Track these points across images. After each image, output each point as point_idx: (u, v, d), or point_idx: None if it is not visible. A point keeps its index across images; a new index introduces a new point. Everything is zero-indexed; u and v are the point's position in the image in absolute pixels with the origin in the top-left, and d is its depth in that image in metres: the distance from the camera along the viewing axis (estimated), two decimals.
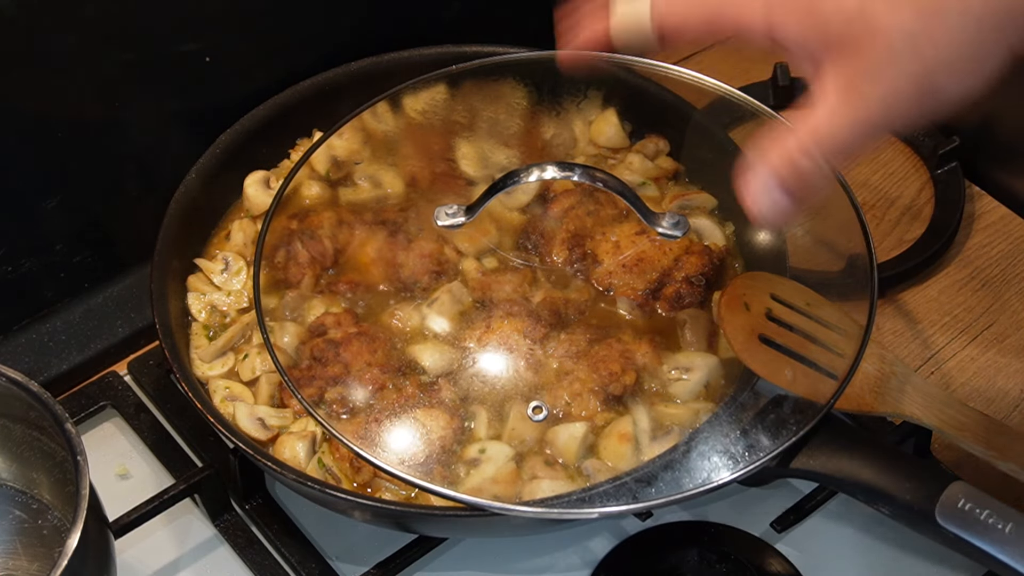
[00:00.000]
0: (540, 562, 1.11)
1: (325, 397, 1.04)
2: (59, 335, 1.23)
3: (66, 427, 0.96)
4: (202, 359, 1.13)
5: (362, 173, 1.20)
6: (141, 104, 1.20)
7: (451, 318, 1.08)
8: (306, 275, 1.13)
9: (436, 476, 0.99)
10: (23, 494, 1.08)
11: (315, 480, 1.03)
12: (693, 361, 1.06)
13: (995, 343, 1.28)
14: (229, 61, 1.23)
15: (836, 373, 1.01)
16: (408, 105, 1.21)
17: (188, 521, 1.14)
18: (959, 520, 0.92)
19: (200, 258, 1.19)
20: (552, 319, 1.07)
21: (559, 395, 1.04)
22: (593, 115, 1.23)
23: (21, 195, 1.17)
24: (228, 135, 1.22)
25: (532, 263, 1.12)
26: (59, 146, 1.16)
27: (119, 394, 1.21)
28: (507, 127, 1.19)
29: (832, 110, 0.80)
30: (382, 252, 1.13)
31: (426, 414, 1.02)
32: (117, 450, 1.19)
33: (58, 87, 1.14)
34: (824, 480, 0.99)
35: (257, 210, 1.21)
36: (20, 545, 1.06)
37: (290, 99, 1.25)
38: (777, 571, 1.09)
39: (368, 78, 1.24)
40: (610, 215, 1.14)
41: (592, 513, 0.98)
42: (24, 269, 1.19)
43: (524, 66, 1.20)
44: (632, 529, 1.12)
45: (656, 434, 1.03)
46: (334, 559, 1.10)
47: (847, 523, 1.13)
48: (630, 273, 1.10)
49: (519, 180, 1.02)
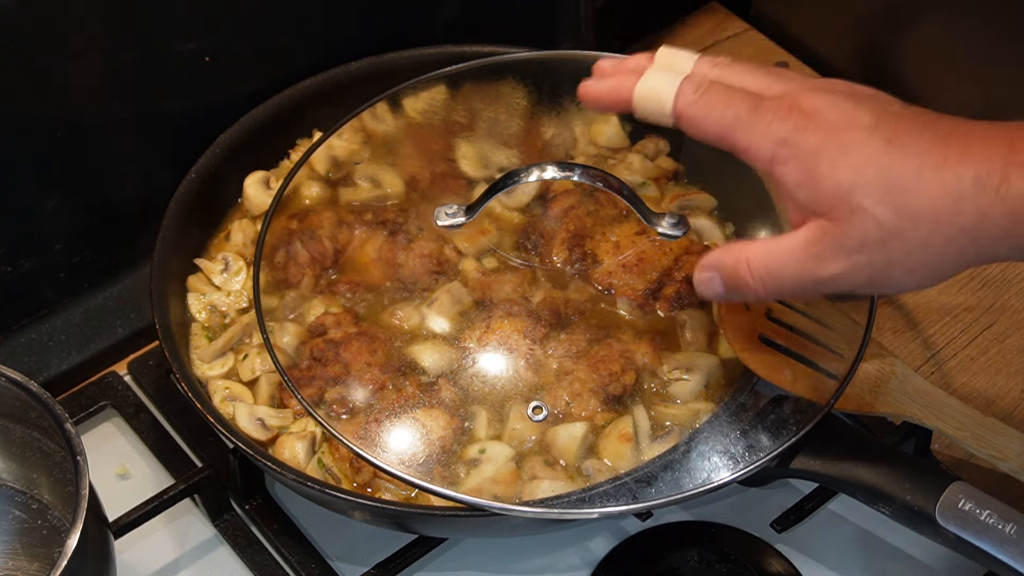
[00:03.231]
0: (540, 562, 1.11)
1: (325, 397, 1.04)
2: (59, 335, 1.23)
3: (66, 427, 0.96)
4: (202, 359, 1.13)
5: (362, 173, 1.20)
6: (141, 104, 1.20)
7: (451, 318, 1.08)
8: (306, 275, 1.13)
9: (436, 476, 0.99)
10: (23, 494, 1.08)
11: (315, 480, 1.03)
12: (693, 361, 1.06)
13: (995, 343, 1.28)
14: (229, 61, 1.23)
15: (836, 373, 1.01)
16: (408, 105, 1.21)
17: (188, 521, 1.14)
18: (959, 520, 0.92)
19: (200, 258, 1.19)
20: (552, 319, 1.07)
21: (559, 395, 1.04)
22: (593, 115, 1.23)
23: (21, 195, 1.17)
24: (228, 135, 1.22)
25: (532, 263, 1.12)
26: (59, 146, 1.16)
27: (119, 394, 1.21)
28: (507, 127, 1.19)
29: (790, 253, 0.87)
30: (382, 252, 1.13)
31: (426, 414, 1.02)
32: (117, 450, 1.19)
33: (58, 87, 1.14)
34: (824, 480, 0.99)
35: (257, 210, 1.21)
36: (20, 545, 1.06)
37: (290, 99, 1.25)
38: (777, 571, 1.09)
39: (368, 78, 1.24)
40: (610, 215, 1.14)
41: (592, 513, 0.98)
42: (24, 269, 1.19)
43: (524, 66, 1.20)
44: (632, 529, 1.12)
45: (656, 434, 1.03)
46: (334, 559, 1.10)
47: (847, 523, 1.13)
48: (630, 273, 1.10)
49: (519, 180, 1.02)
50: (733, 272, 0.90)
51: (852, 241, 0.84)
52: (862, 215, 0.83)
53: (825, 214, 0.84)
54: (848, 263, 0.85)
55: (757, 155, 0.87)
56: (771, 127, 0.86)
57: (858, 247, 0.84)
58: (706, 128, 0.89)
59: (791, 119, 0.85)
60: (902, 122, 0.84)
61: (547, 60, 1.21)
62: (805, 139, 0.85)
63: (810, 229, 0.86)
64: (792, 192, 0.86)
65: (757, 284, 0.89)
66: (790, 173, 0.85)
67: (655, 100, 0.92)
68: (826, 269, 0.85)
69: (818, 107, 0.86)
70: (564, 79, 1.21)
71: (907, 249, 0.83)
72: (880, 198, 0.82)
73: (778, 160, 0.86)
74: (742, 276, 0.89)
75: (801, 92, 0.87)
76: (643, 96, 0.92)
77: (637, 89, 0.92)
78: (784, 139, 0.85)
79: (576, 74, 1.22)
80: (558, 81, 1.20)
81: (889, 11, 1.43)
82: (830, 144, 0.84)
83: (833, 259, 0.85)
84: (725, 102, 0.88)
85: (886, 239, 0.83)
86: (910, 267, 0.84)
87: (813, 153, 0.84)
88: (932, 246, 0.83)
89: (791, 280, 0.87)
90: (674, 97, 0.90)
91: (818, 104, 0.86)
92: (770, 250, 0.88)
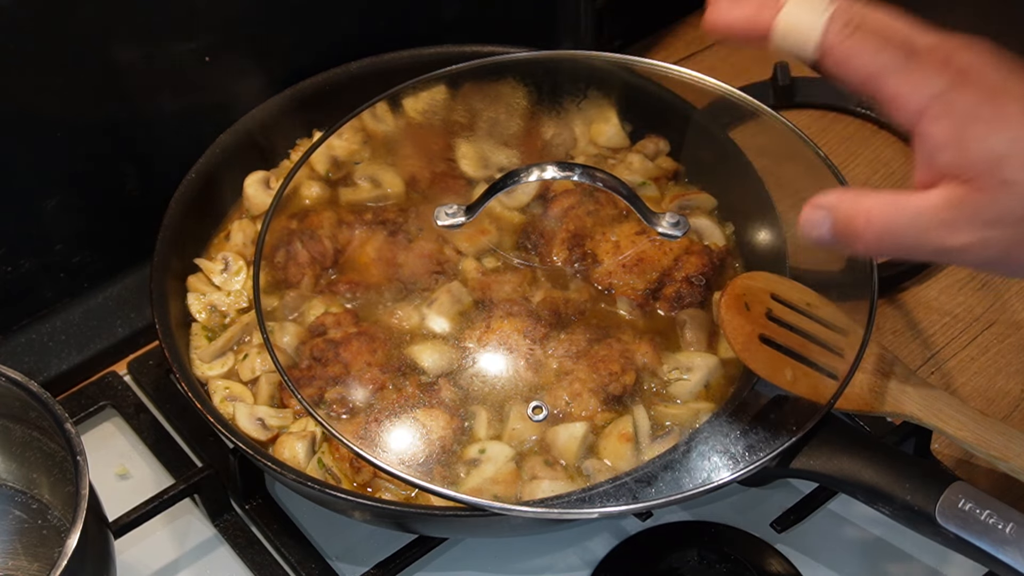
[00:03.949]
0: (540, 562, 1.11)
1: (325, 397, 1.04)
2: (59, 335, 1.23)
3: (66, 427, 0.96)
4: (202, 359, 1.13)
5: (362, 173, 1.20)
6: (141, 104, 1.20)
7: (451, 318, 1.08)
8: (306, 275, 1.13)
9: (436, 476, 0.99)
10: (23, 494, 1.08)
11: (315, 480, 1.03)
12: (693, 361, 1.06)
13: (995, 343, 1.28)
14: (229, 61, 1.23)
15: (836, 373, 1.01)
16: (408, 105, 1.21)
17: (188, 521, 1.14)
18: (959, 520, 0.92)
19: (200, 258, 1.19)
20: (552, 319, 1.07)
21: (559, 395, 1.04)
22: (593, 115, 1.23)
23: (21, 195, 1.17)
24: (228, 135, 1.22)
25: (532, 263, 1.12)
26: (59, 146, 1.16)
27: (119, 394, 1.21)
28: (507, 127, 1.19)
29: (919, 214, 0.82)
30: (382, 252, 1.13)
31: (426, 414, 1.02)
32: (117, 450, 1.19)
33: (58, 87, 1.14)
34: (824, 480, 0.99)
35: (257, 210, 1.21)
36: (20, 545, 1.06)
37: (290, 99, 1.25)
38: (777, 571, 1.09)
39: (368, 78, 1.24)
40: (610, 215, 1.14)
41: (592, 513, 0.98)
42: (24, 269, 1.19)
43: (524, 66, 1.20)
44: (632, 529, 1.12)
45: (656, 434, 1.03)
46: (334, 559, 1.10)
47: (847, 523, 1.13)
48: (630, 273, 1.10)
49: (519, 180, 1.02)
50: (849, 219, 0.84)
51: (992, 213, 0.79)
52: (1009, 189, 0.79)
53: (969, 180, 0.80)
54: (981, 235, 0.80)
55: (905, 106, 0.82)
56: (926, 79, 0.82)
57: (996, 220, 0.79)
58: (854, 69, 0.84)
59: (947, 74, 0.81)
60: None
61: (547, 60, 1.21)
62: (961, 98, 0.81)
63: (946, 193, 0.81)
64: (935, 151, 0.81)
65: (872, 238, 0.84)
66: (939, 131, 0.81)
67: (800, 32, 0.86)
68: (956, 238, 0.81)
69: (975, 66, 0.82)
70: (564, 79, 1.21)
71: None
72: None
73: (928, 115, 0.81)
74: (858, 226, 0.84)
75: (956, 47, 0.83)
76: (786, 27, 0.86)
77: (779, 19, 0.86)
78: (938, 94, 0.81)
79: (576, 74, 1.23)
80: (558, 81, 1.21)
81: None
82: (987, 108, 0.80)
83: (967, 229, 0.80)
84: (878, 44, 0.83)
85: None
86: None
87: (968, 114, 0.80)
88: None
89: (913, 242, 0.82)
90: (821, 32, 0.85)
91: (974, 63, 0.82)
92: (896, 205, 0.83)
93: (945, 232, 0.81)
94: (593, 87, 1.23)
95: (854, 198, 0.85)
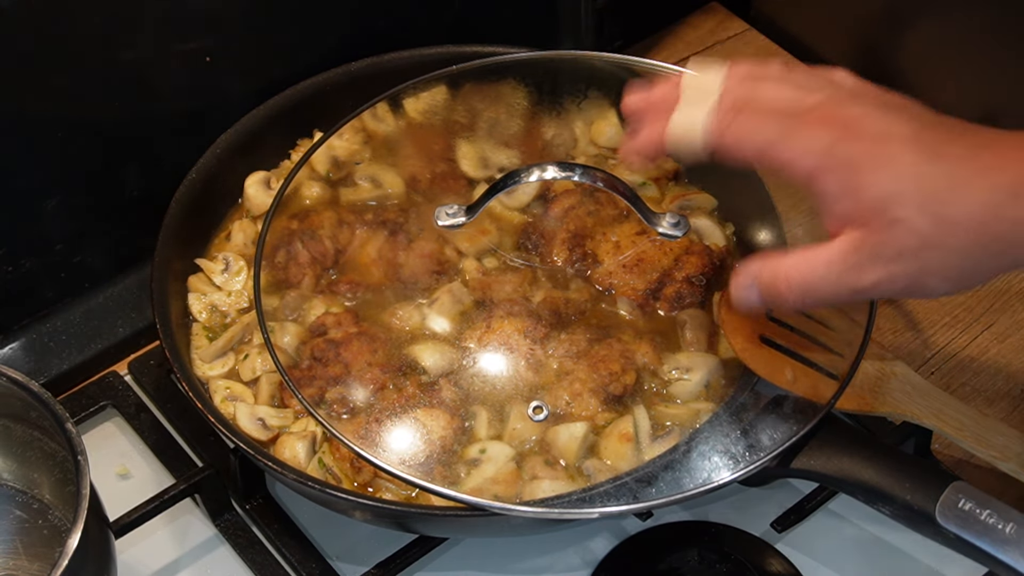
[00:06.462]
0: (540, 562, 1.11)
1: (325, 397, 1.04)
2: (59, 335, 1.23)
3: (66, 427, 0.96)
4: (202, 359, 1.13)
5: (362, 173, 1.20)
6: (141, 104, 1.20)
7: (451, 318, 1.08)
8: (306, 275, 1.13)
9: (436, 476, 0.99)
10: (23, 494, 1.08)
11: (315, 480, 1.03)
12: (693, 361, 1.07)
13: (995, 343, 1.28)
14: (229, 61, 1.23)
15: (836, 373, 1.01)
16: (408, 105, 1.21)
17: (188, 521, 1.14)
18: (959, 520, 0.92)
19: (201, 258, 1.19)
20: (552, 319, 1.07)
21: (559, 395, 1.04)
22: (593, 115, 1.23)
23: (21, 195, 1.17)
24: (228, 135, 1.22)
25: (532, 263, 1.12)
26: (59, 146, 1.16)
27: (119, 394, 1.21)
28: (507, 127, 1.20)
29: (828, 265, 0.87)
30: (382, 252, 1.13)
31: (426, 414, 1.02)
32: (117, 450, 1.19)
33: (58, 87, 1.14)
34: (824, 480, 0.99)
35: (257, 210, 1.21)
36: (20, 545, 1.06)
37: (290, 99, 1.25)
38: (777, 571, 1.09)
39: (368, 78, 1.24)
40: (610, 215, 1.14)
41: (592, 513, 0.98)
42: (24, 269, 1.19)
43: (524, 66, 1.20)
44: (632, 529, 1.12)
45: (656, 434, 1.03)
46: (334, 559, 1.10)
47: (847, 523, 1.13)
48: (630, 273, 1.10)
49: (519, 180, 1.02)
50: (771, 284, 0.90)
51: (890, 250, 0.84)
52: (901, 225, 0.83)
53: (864, 225, 0.84)
54: (886, 272, 0.85)
55: (798, 169, 0.86)
56: (812, 138, 0.86)
57: (896, 256, 0.84)
58: (743, 151, 0.89)
59: (831, 131, 0.85)
60: (938, 133, 0.85)
61: (547, 60, 1.21)
62: (846, 150, 0.85)
63: (847, 240, 0.86)
64: (832, 203, 0.86)
65: (796, 298, 0.89)
66: (831, 184, 0.85)
67: (687, 142, 0.91)
68: (864, 279, 0.86)
69: (856, 118, 0.86)
70: (564, 79, 1.21)
71: (944, 257, 0.83)
72: (919, 208, 0.82)
73: (819, 172, 0.85)
74: (781, 289, 0.90)
75: (837, 102, 0.87)
76: (675, 141, 0.92)
77: (667, 135, 0.92)
78: (824, 151, 0.85)
79: (576, 74, 1.23)
80: (558, 81, 1.21)
81: (889, 11, 1.43)
82: (872, 154, 0.84)
83: (871, 269, 0.85)
84: (760, 120, 0.88)
85: (923, 248, 0.83)
86: (946, 275, 0.84)
87: (855, 163, 0.84)
88: (968, 254, 0.83)
89: (829, 291, 0.88)
90: (703, 130, 0.90)
91: (856, 115, 0.86)
92: (808, 261, 0.88)
93: (855, 275, 0.86)
94: (593, 87, 1.23)
95: (773, 263, 0.90)
